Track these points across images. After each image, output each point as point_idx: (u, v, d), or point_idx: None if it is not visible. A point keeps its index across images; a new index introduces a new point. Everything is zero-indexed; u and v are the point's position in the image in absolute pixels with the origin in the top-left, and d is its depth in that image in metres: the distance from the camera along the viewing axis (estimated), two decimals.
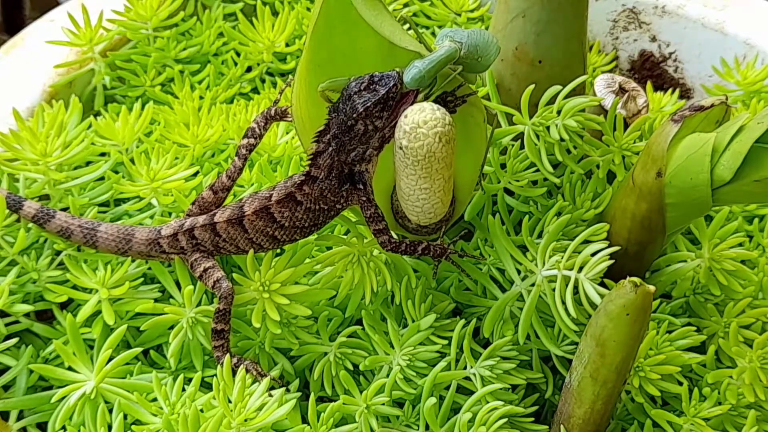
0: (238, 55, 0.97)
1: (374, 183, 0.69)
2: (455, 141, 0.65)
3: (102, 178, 0.83)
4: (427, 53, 0.65)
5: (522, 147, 0.76)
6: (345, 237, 0.74)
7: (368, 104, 0.64)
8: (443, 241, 0.73)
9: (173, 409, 0.69)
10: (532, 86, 0.74)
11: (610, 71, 1.05)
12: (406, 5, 1.01)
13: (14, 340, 0.76)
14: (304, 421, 0.71)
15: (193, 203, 0.75)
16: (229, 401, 0.67)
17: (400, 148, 0.65)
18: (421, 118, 0.64)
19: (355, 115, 0.65)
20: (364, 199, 0.69)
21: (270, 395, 0.69)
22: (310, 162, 0.67)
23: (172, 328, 0.73)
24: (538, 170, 0.76)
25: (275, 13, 0.98)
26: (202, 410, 0.69)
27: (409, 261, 0.76)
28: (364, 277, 0.73)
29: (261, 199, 0.70)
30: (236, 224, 0.70)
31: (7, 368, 0.76)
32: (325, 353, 0.74)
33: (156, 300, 0.75)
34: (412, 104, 0.65)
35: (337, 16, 0.66)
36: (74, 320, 0.73)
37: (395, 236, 0.71)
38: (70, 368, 0.73)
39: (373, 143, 0.66)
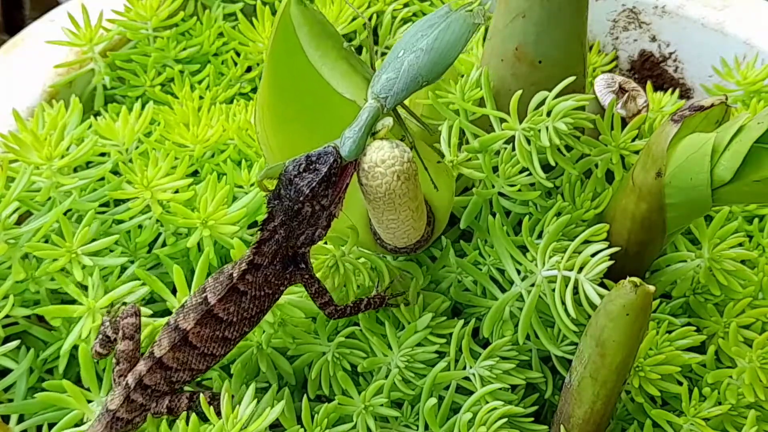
0: (238, 55, 0.97)
1: (352, 206, 0.68)
2: (417, 176, 0.65)
3: (103, 179, 0.83)
4: (362, 103, 0.64)
5: (514, 150, 0.76)
6: (324, 246, 0.74)
7: (313, 184, 0.63)
8: (384, 289, 0.73)
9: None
10: (520, 91, 0.74)
11: (610, 71, 1.04)
12: (406, 5, 1.01)
13: (15, 343, 0.76)
14: (300, 422, 0.71)
15: (115, 365, 0.70)
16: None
17: (361, 185, 0.65)
18: (378, 157, 0.63)
19: (302, 198, 0.63)
20: (307, 276, 0.68)
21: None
22: (254, 250, 0.66)
23: None
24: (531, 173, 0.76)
25: (275, 13, 0.97)
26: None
27: (395, 264, 0.76)
28: (347, 280, 0.73)
29: (194, 308, 0.67)
30: (182, 346, 0.67)
31: (7, 370, 0.76)
32: (324, 353, 0.74)
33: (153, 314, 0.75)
34: (351, 175, 0.64)
35: (292, 44, 0.65)
36: (87, 349, 0.72)
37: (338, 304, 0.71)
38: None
39: (321, 223, 0.65)
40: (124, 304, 0.74)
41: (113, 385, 0.70)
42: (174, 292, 0.75)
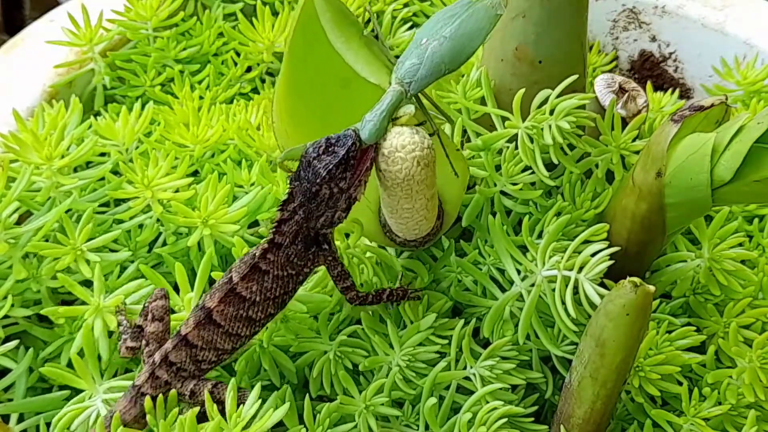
0: (238, 55, 0.97)
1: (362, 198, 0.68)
2: (435, 163, 0.65)
3: (103, 179, 0.83)
4: (387, 87, 0.64)
5: (517, 148, 0.76)
6: None
7: (330, 167, 0.63)
8: (407, 284, 0.74)
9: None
10: (522, 90, 0.74)
11: (610, 71, 1.04)
12: (406, 5, 1.01)
13: (15, 343, 0.76)
14: (303, 420, 0.71)
15: (145, 346, 0.71)
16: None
17: (380, 170, 0.65)
18: (399, 142, 0.63)
19: (318, 180, 0.63)
20: (330, 258, 0.68)
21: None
22: (274, 229, 0.66)
23: None
24: (534, 172, 0.76)
25: (275, 13, 0.98)
26: None
27: (401, 261, 0.76)
28: (351, 272, 0.72)
29: (220, 287, 0.67)
30: (207, 324, 0.67)
31: (6, 370, 0.76)
32: (325, 351, 0.74)
33: None
34: (373, 159, 0.64)
35: (312, 34, 0.66)
36: (91, 334, 0.72)
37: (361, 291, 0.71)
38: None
39: (340, 206, 0.65)
40: (125, 303, 0.74)
41: (143, 364, 0.71)
42: (176, 290, 0.75)
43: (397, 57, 0.66)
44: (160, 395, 0.68)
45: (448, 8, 0.67)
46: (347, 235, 0.75)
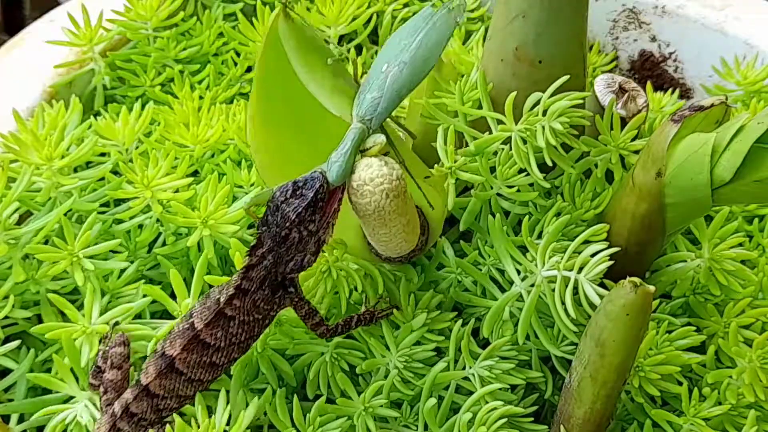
0: (238, 55, 0.97)
1: (346, 215, 0.68)
2: (406, 192, 0.65)
3: (103, 179, 0.83)
4: (348, 119, 0.64)
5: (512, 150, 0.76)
6: None
7: (299, 210, 0.62)
8: (373, 306, 0.73)
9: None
10: (515, 93, 0.74)
11: (610, 71, 1.04)
12: (406, 5, 1.01)
13: (15, 343, 0.76)
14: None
15: (103, 394, 0.70)
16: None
17: (351, 202, 0.65)
18: (367, 175, 0.63)
19: (288, 224, 0.63)
20: (296, 300, 0.68)
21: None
22: (241, 275, 0.65)
23: None
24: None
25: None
26: None
27: (387, 268, 0.76)
28: (339, 285, 0.72)
29: (182, 333, 0.66)
30: (169, 372, 0.66)
31: (7, 370, 0.76)
32: (322, 353, 0.74)
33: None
34: (340, 199, 0.64)
35: (279, 60, 0.66)
36: (71, 339, 0.72)
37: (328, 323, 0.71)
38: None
39: (309, 249, 0.65)
40: (117, 323, 0.73)
41: (101, 414, 0.70)
42: (172, 295, 0.75)
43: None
44: None
45: (409, 24, 0.67)
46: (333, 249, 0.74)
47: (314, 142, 0.68)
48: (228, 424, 0.68)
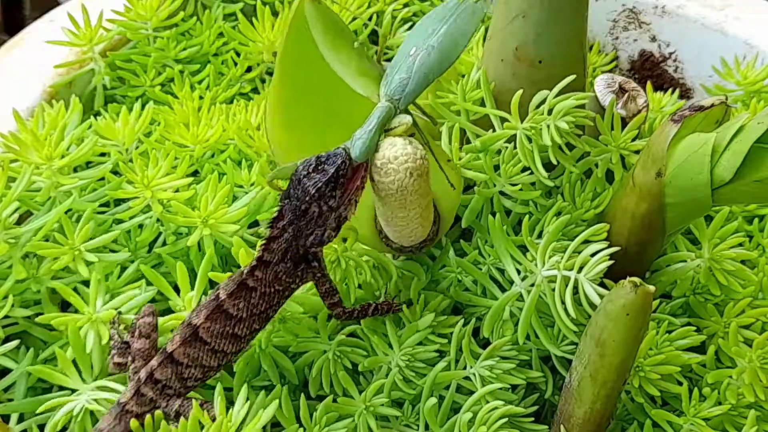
0: (238, 55, 0.97)
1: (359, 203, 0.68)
2: (428, 173, 0.65)
3: (103, 179, 0.83)
4: (376, 99, 0.64)
5: (516, 149, 0.76)
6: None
7: (319, 185, 0.63)
8: (392, 298, 0.74)
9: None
10: (521, 91, 0.74)
11: (610, 71, 1.04)
12: (406, 5, 1.01)
13: (15, 343, 0.76)
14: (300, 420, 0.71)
15: (131, 363, 0.71)
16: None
17: (373, 181, 0.65)
18: (391, 154, 0.63)
19: (307, 198, 0.63)
20: (319, 275, 0.68)
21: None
22: (263, 247, 0.66)
23: None
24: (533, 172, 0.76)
25: (275, 13, 0.98)
26: None
27: (397, 263, 0.76)
28: (348, 275, 0.73)
29: (207, 304, 0.67)
30: (193, 341, 0.67)
31: (6, 370, 0.76)
32: (324, 351, 0.74)
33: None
34: (363, 177, 0.64)
35: (304, 41, 0.66)
36: (79, 337, 0.72)
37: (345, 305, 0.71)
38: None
39: (329, 224, 0.65)
40: (120, 313, 0.74)
41: (128, 381, 0.71)
42: (176, 290, 0.75)
43: (390, 61, 0.66)
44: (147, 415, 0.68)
45: (436, 11, 0.67)
46: (344, 239, 0.75)
47: (336, 129, 0.68)
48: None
